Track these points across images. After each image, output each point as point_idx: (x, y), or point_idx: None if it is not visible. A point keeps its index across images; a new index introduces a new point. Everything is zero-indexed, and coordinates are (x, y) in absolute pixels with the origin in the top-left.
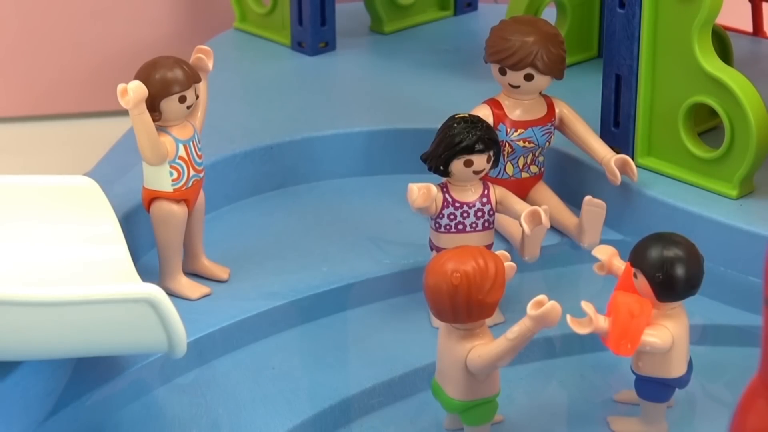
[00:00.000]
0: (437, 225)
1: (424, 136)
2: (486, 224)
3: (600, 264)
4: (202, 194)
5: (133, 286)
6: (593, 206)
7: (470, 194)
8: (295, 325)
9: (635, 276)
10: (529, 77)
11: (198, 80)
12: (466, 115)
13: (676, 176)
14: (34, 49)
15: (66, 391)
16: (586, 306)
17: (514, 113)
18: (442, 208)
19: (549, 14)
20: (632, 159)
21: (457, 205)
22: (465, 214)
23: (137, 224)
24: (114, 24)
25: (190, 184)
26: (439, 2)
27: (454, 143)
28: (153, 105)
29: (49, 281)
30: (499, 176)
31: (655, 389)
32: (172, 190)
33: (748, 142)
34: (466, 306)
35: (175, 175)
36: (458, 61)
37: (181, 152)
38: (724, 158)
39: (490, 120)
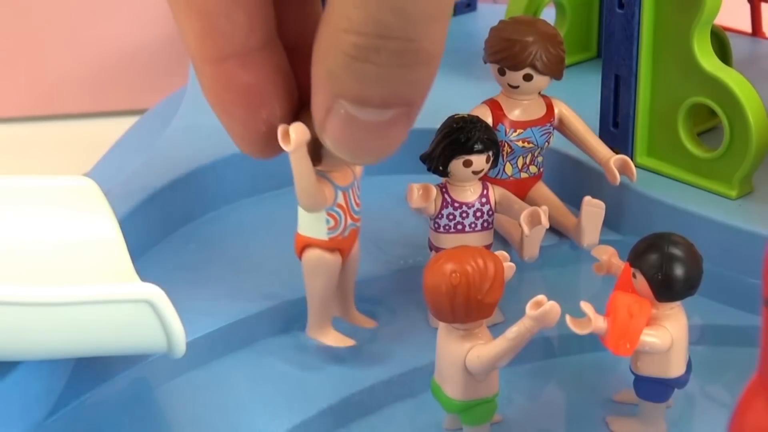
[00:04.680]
0: (436, 225)
1: (423, 136)
2: (485, 224)
3: (599, 264)
4: (357, 243)
5: (132, 286)
6: (592, 206)
7: (469, 194)
8: (295, 326)
9: (634, 276)
10: (528, 77)
11: None
12: (466, 116)
13: (675, 176)
14: (34, 49)
15: (65, 391)
16: (585, 306)
17: (513, 113)
18: (442, 209)
19: (548, 14)
20: (631, 159)
21: (456, 205)
22: (464, 215)
23: (136, 224)
24: (114, 24)
25: (346, 233)
26: None
27: (453, 143)
28: (314, 149)
29: (48, 281)
30: (499, 176)
31: (653, 389)
32: (327, 239)
33: (747, 142)
34: (465, 306)
35: (332, 223)
36: (458, 62)
37: (340, 199)
38: (723, 158)
39: (489, 120)
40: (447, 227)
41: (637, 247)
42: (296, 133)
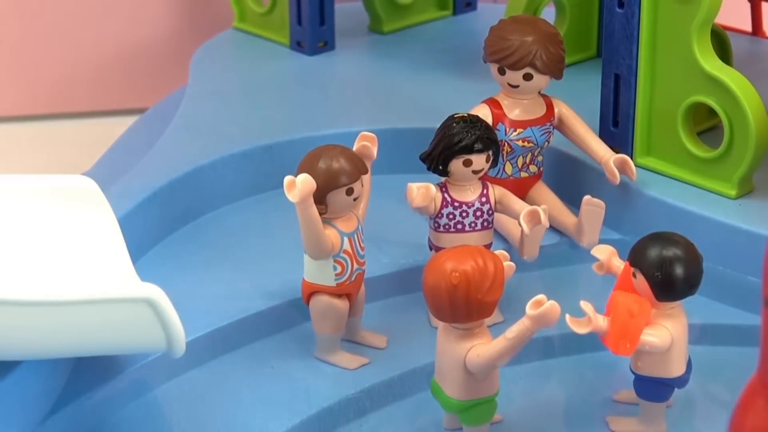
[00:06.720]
0: (436, 224)
1: (423, 135)
2: (485, 224)
3: (599, 263)
4: (363, 285)
5: (132, 286)
6: (592, 206)
7: (469, 194)
8: (294, 325)
9: (634, 275)
10: (528, 77)
11: (365, 171)
12: (465, 115)
13: (675, 176)
14: (33, 49)
15: (65, 391)
16: (585, 305)
17: (513, 113)
18: (441, 208)
19: (548, 14)
20: (631, 159)
21: (456, 204)
22: (464, 214)
23: (136, 224)
24: (113, 24)
25: (353, 278)
26: (438, 2)
27: (453, 143)
28: (319, 197)
29: (48, 281)
30: (498, 176)
31: (654, 389)
32: (335, 285)
33: (747, 141)
34: (465, 306)
35: (339, 269)
36: (457, 61)
37: (346, 245)
38: (723, 158)
39: (489, 119)
40: (447, 227)
41: (637, 247)
42: (302, 185)
